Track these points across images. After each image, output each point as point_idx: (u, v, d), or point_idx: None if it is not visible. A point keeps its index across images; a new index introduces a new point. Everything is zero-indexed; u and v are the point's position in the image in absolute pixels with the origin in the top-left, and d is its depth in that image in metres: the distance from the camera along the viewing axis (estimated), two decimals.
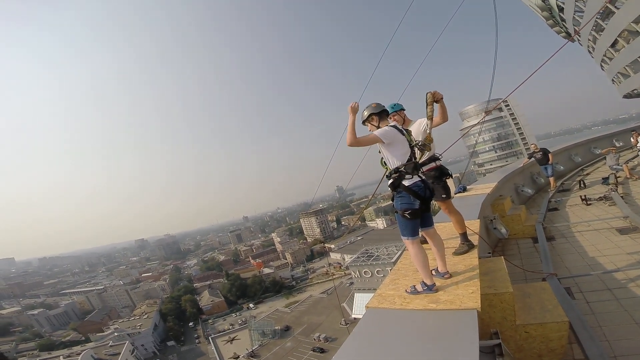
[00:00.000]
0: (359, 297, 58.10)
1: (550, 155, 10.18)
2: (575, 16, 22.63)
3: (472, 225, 4.10)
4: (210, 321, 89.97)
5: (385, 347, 2.09)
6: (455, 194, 7.10)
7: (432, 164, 3.64)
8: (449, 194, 3.69)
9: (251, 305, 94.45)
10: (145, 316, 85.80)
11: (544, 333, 2.66)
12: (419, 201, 2.76)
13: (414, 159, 2.90)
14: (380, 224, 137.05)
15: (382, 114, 3.09)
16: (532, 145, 10.93)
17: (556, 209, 7.95)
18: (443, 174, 3.66)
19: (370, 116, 3.08)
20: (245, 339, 70.24)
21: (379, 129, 2.99)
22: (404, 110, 3.71)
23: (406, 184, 2.78)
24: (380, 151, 2.94)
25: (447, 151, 4.97)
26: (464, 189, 7.19)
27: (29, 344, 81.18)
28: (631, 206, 6.35)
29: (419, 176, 2.84)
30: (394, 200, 2.86)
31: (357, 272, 59.63)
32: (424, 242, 3.53)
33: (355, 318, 56.63)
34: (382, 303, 2.71)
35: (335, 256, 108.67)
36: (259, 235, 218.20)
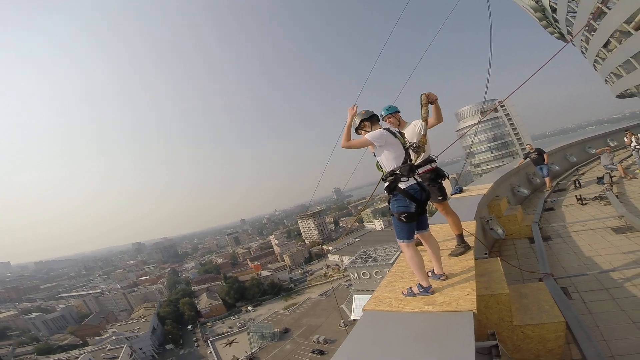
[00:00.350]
0: (357, 298, 58.01)
1: (545, 155, 10.25)
2: (568, 17, 22.78)
3: (469, 227, 4.11)
4: (208, 324, 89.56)
5: (382, 349, 2.09)
6: (451, 195, 7.12)
7: (427, 166, 3.64)
8: (445, 196, 3.70)
9: (250, 308, 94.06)
10: (143, 319, 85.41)
11: (540, 333, 2.67)
12: (415, 204, 2.77)
13: (409, 161, 2.91)
14: (378, 225, 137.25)
15: (372, 119, 3.13)
16: (528, 146, 11.01)
17: (552, 209, 7.99)
18: (439, 175, 3.66)
19: (361, 123, 3.13)
20: (244, 341, 69.89)
21: None
22: (399, 112, 3.71)
23: (402, 186, 2.78)
24: (375, 154, 2.96)
25: (443, 152, 4.99)
26: (461, 190, 7.21)
27: (27, 348, 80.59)
28: (626, 205, 6.40)
29: (414, 179, 2.85)
30: (390, 203, 2.87)
31: (356, 274, 59.55)
32: (419, 245, 3.54)
33: (354, 319, 56.48)
34: (379, 305, 2.71)
35: (333, 258, 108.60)
36: (257, 238, 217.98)
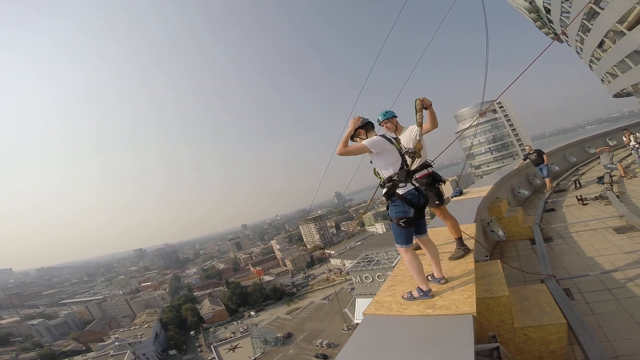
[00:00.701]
0: (360, 302, 57.75)
1: (545, 156, 10.25)
2: (562, 17, 22.82)
3: (469, 229, 4.11)
4: (211, 330, 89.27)
5: (383, 353, 2.09)
6: (452, 197, 7.11)
7: (424, 171, 3.64)
8: (442, 200, 3.69)
9: (252, 313, 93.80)
10: (146, 325, 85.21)
11: (542, 335, 2.66)
12: (413, 209, 2.78)
13: (405, 167, 2.93)
14: (379, 228, 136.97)
15: (367, 126, 3.14)
16: (527, 147, 11.02)
17: (553, 209, 7.97)
18: (436, 180, 3.66)
19: (356, 130, 3.14)
20: (248, 347, 69.58)
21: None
22: (395, 117, 3.72)
23: (400, 192, 2.80)
24: (371, 161, 2.97)
25: (443, 154, 4.98)
26: (461, 193, 7.19)
27: (30, 354, 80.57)
28: (627, 205, 6.38)
29: (412, 184, 2.87)
30: (388, 208, 2.88)
31: (358, 277, 59.32)
32: (417, 249, 3.54)
33: (357, 323, 56.23)
34: (379, 309, 2.71)
35: (335, 262, 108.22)
36: (258, 243, 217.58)
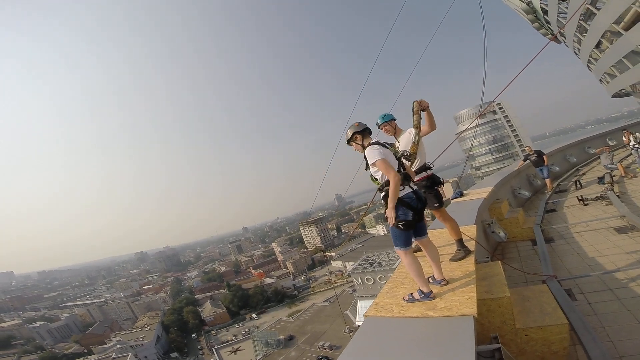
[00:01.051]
0: (362, 304, 57.54)
1: (545, 156, 10.23)
2: (559, 18, 22.87)
3: (469, 231, 4.10)
4: (213, 332, 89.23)
5: (384, 355, 2.09)
6: (452, 199, 7.11)
7: (423, 174, 3.65)
8: (441, 203, 3.69)
9: (254, 316, 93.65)
10: (148, 328, 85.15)
11: (544, 336, 2.66)
12: (412, 212, 2.78)
13: (402, 170, 2.93)
14: (380, 230, 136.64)
15: (364, 132, 3.15)
16: (527, 148, 11.01)
17: (554, 210, 7.96)
18: (435, 183, 3.66)
19: (354, 135, 3.15)
20: (249, 349, 69.48)
21: (364, 147, 3.05)
22: (394, 120, 3.73)
23: (398, 195, 2.79)
24: (367, 167, 2.97)
25: (443, 155, 4.98)
26: (461, 194, 7.18)
27: (31, 357, 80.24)
28: (628, 205, 6.37)
29: (410, 187, 2.88)
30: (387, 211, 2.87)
31: (359, 279, 59.20)
32: (418, 251, 3.53)
33: (358, 325, 55.89)
34: (380, 311, 2.71)
35: (336, 264, 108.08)
36: (259, 246, 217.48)
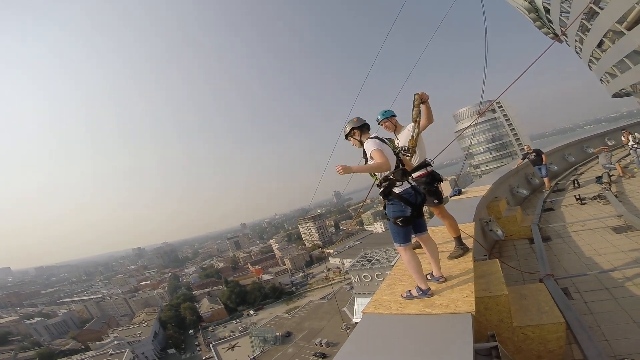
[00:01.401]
0: (359, 301, 57.77)
1: (543, 155, 10.24)
2: (562, 17, 22.84)
3: (467, 229, 4.11)
4: (210, 328, 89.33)
5: (381, 352, 2.09)
6: (450, 196, 7.12)
7: (423, 170, 3.64)
8: (440, 199, 3.69)
9: (251, 312, 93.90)
10: (145, 324, 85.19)
11: (541, 334, 2.66)
12: (410, 208, 2.78)
13: (401, 166, 2.92)
14: (378, 227, 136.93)
15: (363, 128, 3.13)
16: (526, 146, 11.01)
17: (551, 209, 7.97)
18: (434, 179, 3.66)
19: (352, 130, 3.13)
20: (246, 345, 69.62)
21: (361, 143, 3.04)
22: (395, 116, 3.72)
23: (397, 191, 2.80)
24: (367, 162, 2.94)
25: (442, 153, 4.98)
26: (460, 192, 7.19)
27: (28, 353, 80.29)
28: (625, 205, 6.39)
29: (408, 183, 2.87)
30: (385, 207, 2.88)
31: (357, 277, 59.34)
32: (418, 247, 3.54)
33: (356, 322, 56.26)
34: (378, 308, 2.71)
35: (334, 261, 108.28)
36: (257, 242, 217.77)
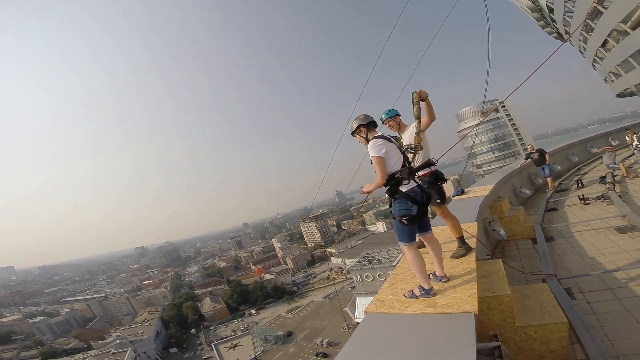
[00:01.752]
0: (361, 301, 57.79)
1: (547, 155, 10.19)
2: (565, 16, 22.74)
3: (470, 228, 4.10)
4: (212, 328, 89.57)
5: (383, 351, 2.09)
6: (453, 196, 7.10)
7: (427, 169, 3.64)
8: (444, 199, 3.69)
9: (253, 312, 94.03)
10: (147, 323, 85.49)
11: (543, 334, 2.65)
12: (416, 207, 2.77)
13: (407, 164, 2.92)
14: (380, 227, 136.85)
15: (370, 125, 3.12)
16: (529, 146, 10.96)
17: (555, 209, 7.93)
18: (438, 179, 3.66)
19: (358, 128, 3.12)
20: (248, 345, 69.85)
21: (367, 140, 3.03)
22: (399, 115, 3.72)
23: (403, 189, 2.79)
24: (372, 161, 2.94)
25: (444, 154, 4.98)
26: (462, 192, 7.18)
27: (31, 352, 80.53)
28: (629, 205, 6.35)
29: (415, 181, 2.87)
30: (391, 206, 2.87)
31: (359, 276, 59.39)
32: (421, 246, 3.53)
33: (357, 322, 56.27)
34: (381, 308, 2.71)
35: (336, 260, 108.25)
36: (259, 241, 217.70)
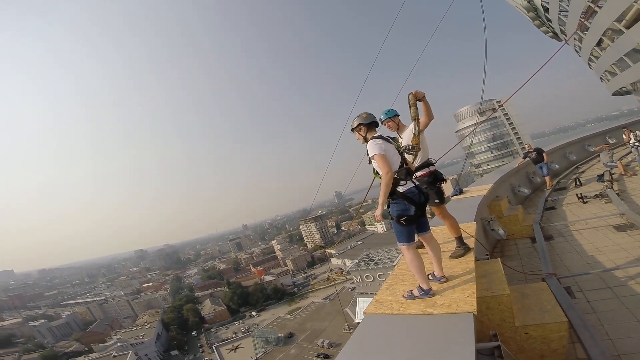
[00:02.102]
0: (361, 301, 57.73)
1: (544, 154, 10.21)
2: (560, 16, 22.85)
3: (469, 228, 4.10)
4: (213, 330, 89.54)
5: (383, 352, 2.09)
6: (451, 196, 7.10)
7: (426, 170, 3.65)
8: (442, 199, 3.69)
9: (254, 313, 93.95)
10: (148, 326, 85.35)
11: (543, 334, 2.65)
12: (414, 207, 2.78)
13: (405, 165, 2.93)
14: (380, 228, 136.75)
15: (370, 125, 3.11)
16: (527, 145, 10.98)
17: (553, 207, 7.94)
18: (437, 179, 3.65)
19: (358, 126, 3.11)
20: (249, 347, 69.72)
21: (366, 140, 3.04)
22: (398, 115, 3.71)
23: (400, 190, 2.80)
24: (370, 161, 2.95)
25: (443, 153, 4.97)
26: (461, 191, 7.17)
27: (32, 355, 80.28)
28: (627, 203, 6.36)
29: (412, 182, 2.87)
30: (389, 207, 2.87)
31: (359, 277, 59.36)
32: (420, 247, 3.53)
33: (358, 323, 56.02)
34: (380, 309, 2.71)
35: (336, 261, 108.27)
36: (259, 243, 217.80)
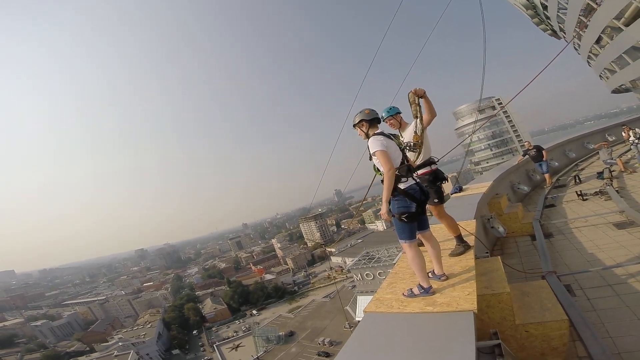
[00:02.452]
0: (361, 299, 57.88)
1: (544, 151, 10.21)
2: (559, 13, 22.79)
3: (469, 226, 4.09)
4: (214, 329, 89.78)
5: (383, 351, 2.08)
6: (451, 194, 7.08)
7: (427, 168, 3.63)
8: (441, 199, 3.67)
9: (254, 312, 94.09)
10: (149, 325, 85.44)
11: (544, 332, 2.64)
12: (415, 204, 2.77)
13: (406, 162, 2.92)
14: (380, 226, 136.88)
15: (372, 121, 3.08)
16: (526, 143, 10.99)
17: (553, 205, 7.92)
18: (438, 178, 3.64)
19: (360, 122, 3.09)
20: (250, 345, 69.95)
21: (367, 136, 3.03)
22: (399, 113, 3.68)
23: (402, 187, 2.79)
24: (371, 158, 2.94)
25: (443, 150, 4.97)
26: (460, 189, 7.15)
27: (34, 355, 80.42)
28: (627, 200, 6.36)
29: (413, 179, 2.86)
30: (390, 204, 2.86)
31: (359, 275, 59.52)
32: (420, 245, 3.52)
33: (359, 321, 56.15)
34: (380, 307, 2.70)
35: (336, 260, 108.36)
36: (259, 242, 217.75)
